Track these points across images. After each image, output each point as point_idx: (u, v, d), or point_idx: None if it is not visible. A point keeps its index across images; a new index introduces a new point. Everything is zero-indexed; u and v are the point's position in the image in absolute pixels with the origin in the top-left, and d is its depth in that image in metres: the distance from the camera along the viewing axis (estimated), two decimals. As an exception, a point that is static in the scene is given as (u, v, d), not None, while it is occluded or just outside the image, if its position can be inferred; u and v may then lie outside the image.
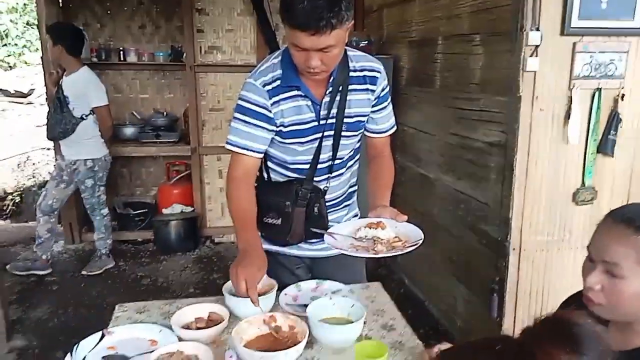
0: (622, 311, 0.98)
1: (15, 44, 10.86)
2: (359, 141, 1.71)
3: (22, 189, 5.94)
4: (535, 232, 2.33)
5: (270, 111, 1.53)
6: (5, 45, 10.76)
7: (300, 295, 1.61)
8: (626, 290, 0.95)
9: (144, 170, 4.72)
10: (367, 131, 1.69)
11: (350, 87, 1.56)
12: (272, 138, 1.57)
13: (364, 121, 1.64)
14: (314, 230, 1.59)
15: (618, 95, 2.19)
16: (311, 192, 1.62)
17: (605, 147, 2.24)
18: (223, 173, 4.44)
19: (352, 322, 1.34)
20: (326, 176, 1.65)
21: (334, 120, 1.57)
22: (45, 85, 3.97)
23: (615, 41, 2.14)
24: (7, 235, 4.44)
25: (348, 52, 1.56)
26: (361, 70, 1.58)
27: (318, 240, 1.69)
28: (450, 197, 2.90)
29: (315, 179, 1.63)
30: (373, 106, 1.63)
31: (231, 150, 1.56)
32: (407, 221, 1.49)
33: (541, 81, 2.15)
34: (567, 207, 2.32)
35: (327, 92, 1.54)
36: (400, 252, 1.36)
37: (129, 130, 4.30)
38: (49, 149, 6.43)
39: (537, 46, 2.09)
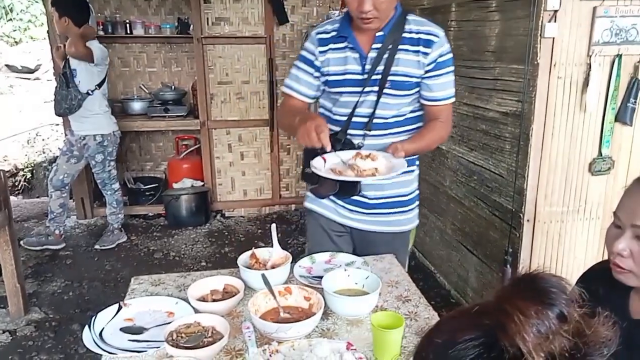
0: None
1: (21, 19, 10.79)
2: (410, 108, 1.67)
3: (32, 165, 5.98)
4: (550, 203, 2.30)
5: (317, 58, 1.66)
6: (10, 20, 10.70)
7: (314, 267, 1.61)
8: None
9: (154, 145, 4.71)
10: (422, 98, 1.65)
11: (401, 46, 1.58)
12: (323, 88, 1.70)
13: (411, 82, 1.60)
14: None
15: (639, 62, 2.13)
16: (344, 144, 1.64)
17: (623, 115, 2.18)
18: (232, 147, 4.43)
19: (367, 294, 1.34)
20: (362, 132, 1.65)
21: (379, 77, 1.59)
22: (52, 60, 3.93)
23: (637, 5, 2.06)
24: (20, 210, 4.48)
25: (408, 17, 1.60)
26: (417, 33, 1.59)
27: (352, 201, 1.72)
28: (462, 168, 2.87)
29: (350, 131, 1.66)
30: (427, 71, 1.60)
31: (284, 92, 1.76)
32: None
33: (559, 48, 2.09)
34: (583, 177, 2.29)
35: (374, 47, 1.58)
36: (359, 179, 1.50)
37: (137, 105, 4.28)
38: (57, 124, 6.45)
39: (555, 11, 2.03)
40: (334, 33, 1.64)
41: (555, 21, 2.04)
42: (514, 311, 0.50)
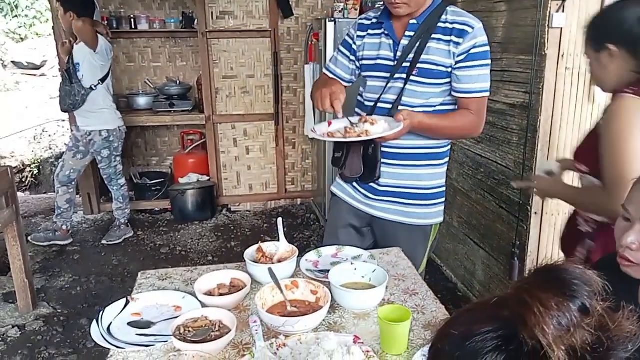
0: None
1: (26, 15, 10.80)
2: (440, 100, 1.64)
3: (39, 161, 6.01)
4: (558, 196, 2.28)
5: (354, 42, 1.74)
6: (16, 16, 10.71)
7: (321, 260, 1.61)
8: None
9: (159, 140, 4.72)
10: (453, 90, 1.63)
11: (434, 35, 1.59)
12: (359, 72, 1.76)
13: (440, 71, 1.59)
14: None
15: (648, 52, 2.10)
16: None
17: (633, 106, 2.15)
18: (238, 141, 4.42)
19: (374, 287, 1.33)
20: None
21: (408, 64, 1.61)
22: (58, 56, 3.94)
23: (647, -7, 2.03)
24: (27, 206, 4.51)
25: (449, 8, 1.61)
26: (452, 23, 1.58)
27: (370, 188, 1.76)
28: (469, 161, 2.85)
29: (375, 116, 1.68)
30: (458, 62, 1.57)
31: (323, 73, 1.86)
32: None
33: (567, 38, 2.07)
34: (592, 169, 2.26)
35: (407, 35, 1.61)
36: (345, 139, 1.56)
37: (142, 100, 4.28)
38: (63, 120, 6.47)
39: (564, 1, 2.00)
40: (374, 20, 1.71)
41: (563, 11, 2.02)
42: (533, 302, 0.49)
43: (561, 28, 2.05)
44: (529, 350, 0.47)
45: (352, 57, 1.76)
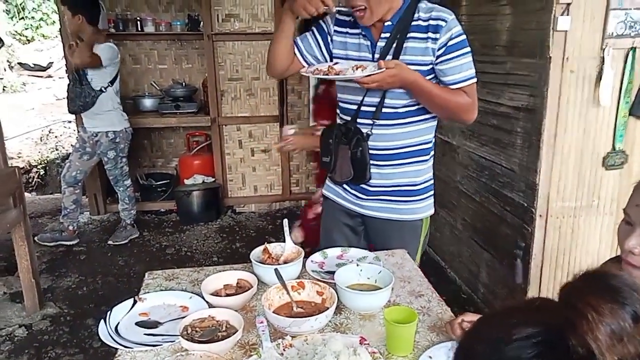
0: None
1: (32, 17, 10.88)
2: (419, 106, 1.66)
3: (46, 162, 6.05)
4: (563, 198, 2.29)
5: (330, 35, 1.70)
6: (23, 18, 10.79)
7: (327, 262, 1.62)
8: None
9: (165, 142, 4.75)
10: (442, 84, 1.62)
11: (410, 34, 1.58)
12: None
13: (421, 70, 1.58)
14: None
15: (653, 55, 2.10)
16: (353, 133, 1.67)
17: (637, 109, 2.16)
18: (243, 143, 4.44)
19: (380, 289, 1.34)
20: (370, 121, 1.67)
21: None
22: (65, 57, 3.97)
23: (652, -3, 2.04)
24: (34, 207, 4.54)
25: (420, 5, 1.61)
26: (425, 20, 1.58)
27: (361, 189, 1.77)
28: (473, 163, 2.85)
29: (359, 120, 1.69)
30: (439, 57, 1.58)
31: None
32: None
33: (572, 41, 2.07)
34: (596, 172, 2.27)
35: (382, 37, 1.61)
36: (334, 77, 1.63)
37: (148, 102, 4.31)
38: (70, 121, 6.51)
39: (568, 4, 2.01)
40: (352, 18, 1.67)
41: (568, 14, 2.03)
42: (586, 308, 0.45)
43: (566, 31, 2.05)
44: (577, 358, 0.45)
45: (322, 44, 1.71)
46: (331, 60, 1.71)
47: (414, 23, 1.59)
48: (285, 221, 1.64)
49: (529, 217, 2.33)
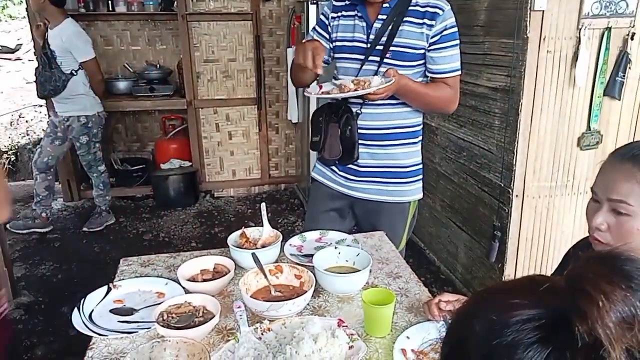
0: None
1: (-2, -3, 10.47)
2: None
3: (16, 147, 5.87)
4: (539, 178, 2.31)
5: (329, 22, 1.75)
6: (-12, -2, 10.37)
7: (305, 245, 1.61)
8: (633, 228, 0.94)
9: (140, 125, 4.64)
10: (428, 71, 1.69)
11: (406, 18, 1.61)
12: (332, 54, 1.76)
13: (413, 54, 1.63)
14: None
15: (628, 35, 2.12)
16: (343, 111, 1.70)
17: (612, 89, 2.18)
18: (220, 126, 4.38)
19: (358, 271, 1.34)
20: (360, 100, 1.68)
21: (381, 47, 1.63)
22: (33, 39, 3.82)
23: (627, -23, 2.04)
24: (5, 193, 4.41)
25: None
26: (423, 7, 1.61)
27: (349, 169, 1.78)
28: (452, 145, 2.86)
29: (350, 99, 1.70)
30: (432, 44, 1.62)
31: None
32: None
33: (549, 21, 2.07)
34: (572, 152, 2.30)
35: (379, 18, 1.63)
36: (342, 95, 1.59)
37: (121, 84, 4.19)
38: (41, 105, 6.31)
39: (545, -17, 2.00)
40: (347, 1, 1.71)
41: (545, -6, 2.02)
42: (597, 294, 0.43)
43: (543, 11, 2.05)
44: (582, 346, 0.42)
45: (327, 35, 1.77)
46: (333, 43, 1.75)
47: (411, 8, 1.62)
48: (263, 205, 1.62)
49: (506, 198, 2.35)
